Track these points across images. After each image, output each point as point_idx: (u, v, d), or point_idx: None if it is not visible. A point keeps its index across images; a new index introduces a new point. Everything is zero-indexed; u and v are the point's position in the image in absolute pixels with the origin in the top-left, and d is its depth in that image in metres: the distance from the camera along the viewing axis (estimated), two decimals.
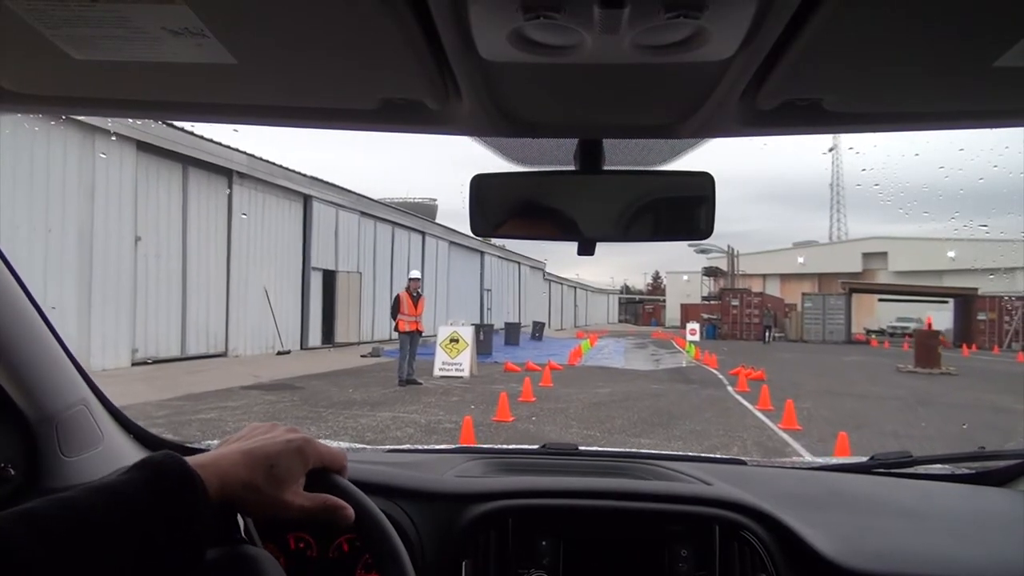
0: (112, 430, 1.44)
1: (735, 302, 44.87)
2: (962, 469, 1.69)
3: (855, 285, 44.43)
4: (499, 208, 1.04)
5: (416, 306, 13.71)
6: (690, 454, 1.79)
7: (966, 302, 38.84)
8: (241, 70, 0.75)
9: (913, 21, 0.63)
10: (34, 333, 1.26)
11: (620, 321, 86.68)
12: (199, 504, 0.72)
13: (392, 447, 1.90)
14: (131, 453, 1.47)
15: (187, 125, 13.60)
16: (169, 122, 10.98)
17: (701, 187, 1.00)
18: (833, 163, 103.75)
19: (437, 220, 33.93)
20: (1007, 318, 38.17)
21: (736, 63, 0.71)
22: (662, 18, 0.60)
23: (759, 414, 10.89)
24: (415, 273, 14.30)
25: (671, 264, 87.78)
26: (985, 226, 33.62)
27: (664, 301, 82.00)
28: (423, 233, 30.26)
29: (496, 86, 0.81)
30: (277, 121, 0.94)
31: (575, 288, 66.56)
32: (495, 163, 1.09)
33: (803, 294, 44.41)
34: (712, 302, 50.03)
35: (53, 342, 1.30)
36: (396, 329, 13.82)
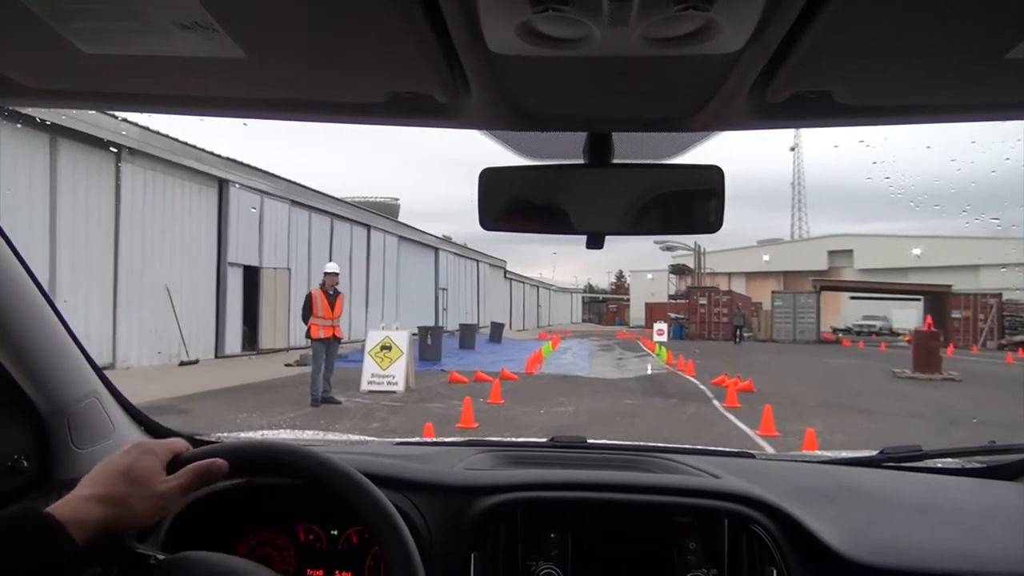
0: (123, 422, 1.49)
1: (703, 301, 42.92)
2: (972, 463, 1.68)
3: (826, 283, 42.83)
4: (507, 202, 1.02)
5: (333, 307, 11.03)
6: (698, 447, 1.80)
7: (939, 299, 37.36)
8: (251, 64, 0.75)
9: (924, 12, 0.62)
10: (46, 326, 1.29)
11: (584, 321, 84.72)
12: (62, 550, 0.79)
13: (401, 440, 1.90)
14: None
15: None
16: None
17: (711, 180, 0.99)
18: (795, 162, 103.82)
19: (400, 219, 32.23)
20: (982, 316, 36.84)
21: (746, 55, 0.70)
22: (671, 10, 0.59)
23: (763, 442, 8.49)
24: (332, 267, 11.60)
25: (635, 263, 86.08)
26: (997, 219, 32.19)
27: (628, 300, 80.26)
28: (368, 227, 27.44)
29: (505, 79, 0.80)
30: (286, 115, 0.94)
31: (537, 287, 64.18)
32: (504, 156, 1.13)
33: (773, 292, 42.66)
34: (679, 301, 47.99)
35: (64, 335, 1.33)
36: (308, 335, 11.12)
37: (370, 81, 0.82)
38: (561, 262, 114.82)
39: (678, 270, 52.84)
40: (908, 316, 49.00)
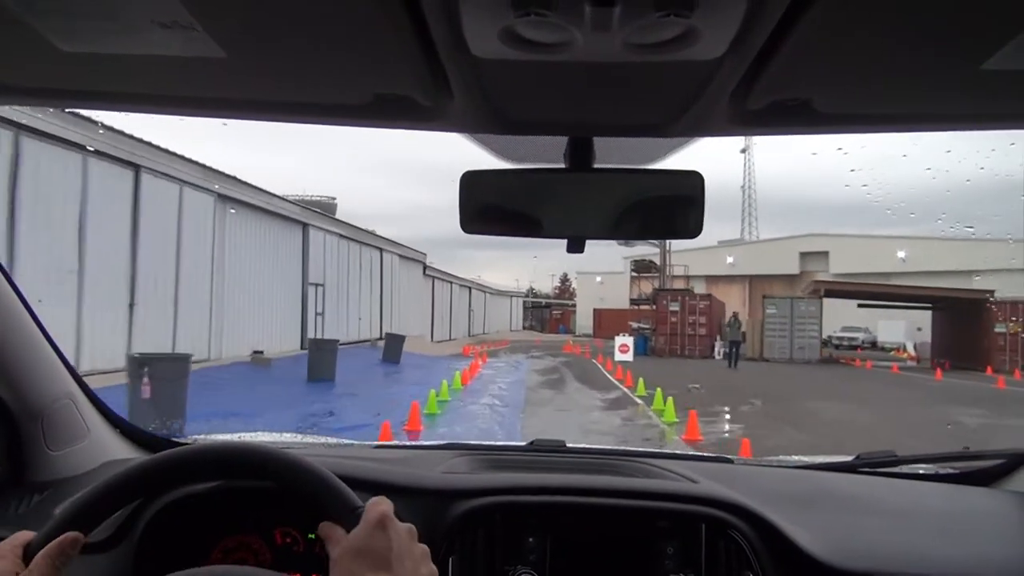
0: (98, 424, 1.48)
1: (674, 306, 33.64)
2: (947, 469, 1.72)
3: (831, 285, 33.94)
4: (488, 205, 1.03)
5: None
6: (677, 452, 1.91)
7: (974, 309, 28.81)
8: (231, 64, 0.75)
9: (902, 23, 0.63)
10: (19, 327, 1.28)
11: (525, 328, 75.17)
12: None
13: (379, 443, 1.97)
14: (117, 447, 1.52)
15: None
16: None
17: (691, 186, 1.00)
18: (745, 164, 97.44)
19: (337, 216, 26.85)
20: None
21: (726, 62, 0.71)
22: (653, 16, 0.60)
23: None
24: None
25: (583, 263, 76.84)
26: (971, 227, 32.12)
27: (574, 306, 71.08)
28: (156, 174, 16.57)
29: (487, 83, 0.81)
30: (267, 116, 0.94)
31: (469, 289, 54.06)
32: (486, 160, 1.08)
33: (764, 297, 33.62)
34: (642, 307, 38.47)
35: (39, 335, 1.33)
36: None
37: (352, 83, 0.82)
38: (502, 264, 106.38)
39: (643, 267, 42.74)
40: (895, 329, 42.39)
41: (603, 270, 64.61)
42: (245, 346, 18.16)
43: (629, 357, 26.81)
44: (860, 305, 36.35)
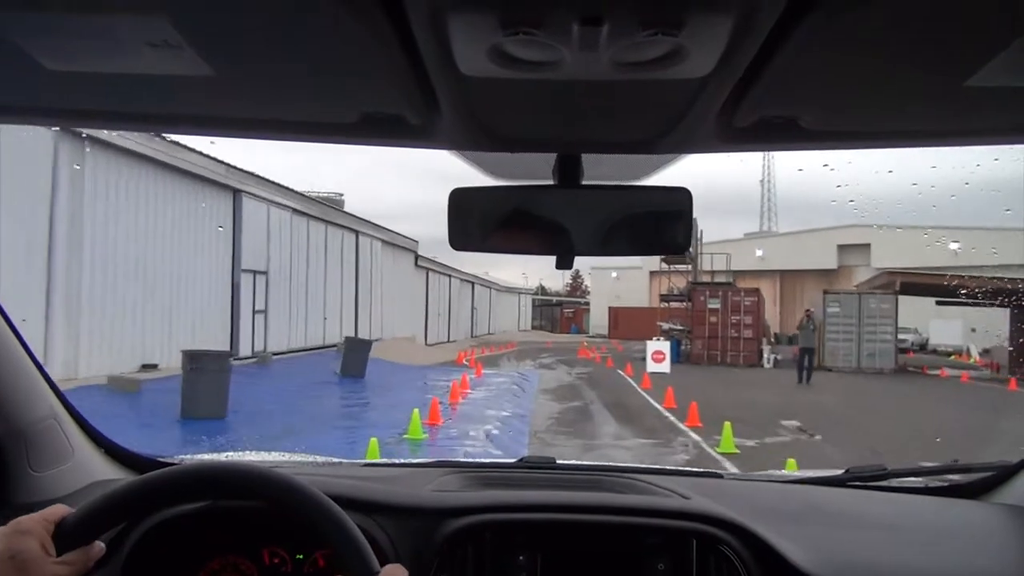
0: (82, 444, 1.45)
1: (714, 303, 27.80)
2: (936, 482, 1.71)
3: (909, 277, 27.83)
4: (477, 222, 1.03)
5: None
6: (668, 467, 1.82)
7: None
8: (220, 83, 0.75)
9: (888, 42, 0.64)
10: (4, 347, 1.26)
11: (534, 328, 69.46)
12: None
13: (369, 461, 2.03)
14: (101, 468, 1.49)
15: None
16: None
17: (678, 202, 1.01)
18: (764, 156, 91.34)
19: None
20: None
21: (713, 80, 0.72)
22: (640, 35, 0.60)
23: None
24: None
25: (596, 259, 71.14)
26: (957, 243, 30.63)
27: (587, 304, 65.35)
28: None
29: (476, 101, 0.81)
30: (256, 134, 0.94)
31: (472, 284, 48.40)
32: (474, 177, 1.05)
33: (826, 293, 27.65)
34: (672, 304, 32.52)
35: (23, 355, 1.31)
36: None
37: (340, 102, 0.83)
38: (510, 260, 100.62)
39: (675, 258, 35.81)
40: (949, 330, 37.37)
41: (619, 265, 58.78)
42: (128, 358, 12.56)
43: (665, 367, 21.05)
44: (939, 302, 30.38)
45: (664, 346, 21.55)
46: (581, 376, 19.85)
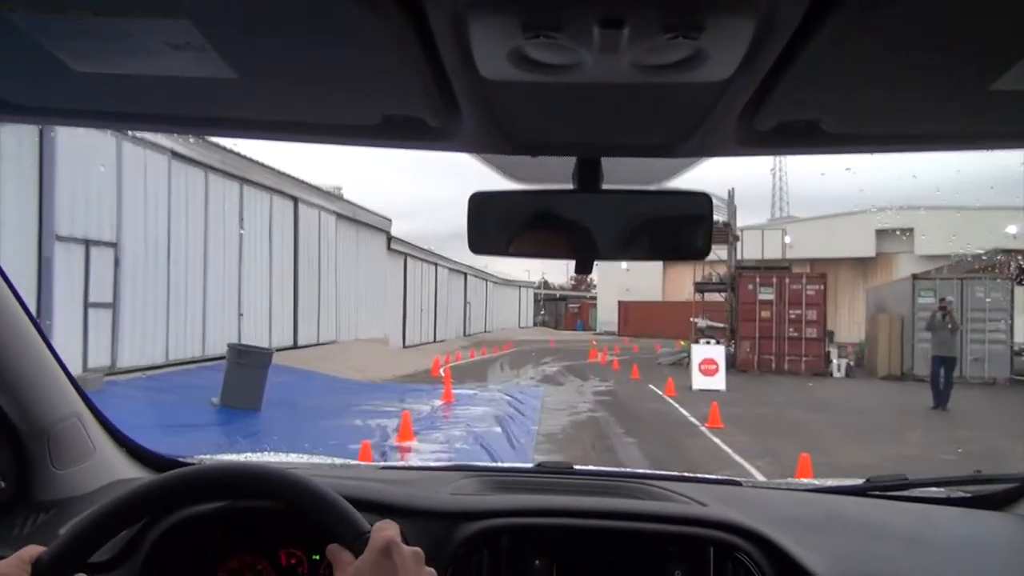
0: (104, 443, 1.48)
1: (766, 293, 21.44)
2: (958, 493, 1.67)
3: None
4: (497, 226, 1.04)
5: None
6: (686, 474, 1.80)
7: None
8: (242, 85, 0.75)
9: (911, 43, 0.64)
10: (28, 344, 1.29)
11: (537, 324, 63.29)
12: None
13: (386, 464, 2.14)
14: (123, 466, 1.51)
15: None
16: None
17: (698, 206, 1.01)
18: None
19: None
20: None
21: (734, 84, 0.72)
22: (661, 39, 0.61)
23: None
24: None
25: None
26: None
27: (593, 298, 59.16)
28: None
29: (496, 104, 0.82)
30: (277, 136, 0.95)
31: (465, 275, 42.16)
32: (493, 180, 1.09)
33: (915, 279, 21.25)
34: (711, 295, 25.89)
35: (47, 354, 1.33)
36: None
37: (361, 104, 0.83)
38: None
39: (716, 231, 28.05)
40: None
41: None
42: None
43: (719, 383, 14.79)
44: None
45: (716, 353, 15.29)
46: (601, 397, 13.60)
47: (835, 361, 20.62)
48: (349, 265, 23.00)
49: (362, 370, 17.11)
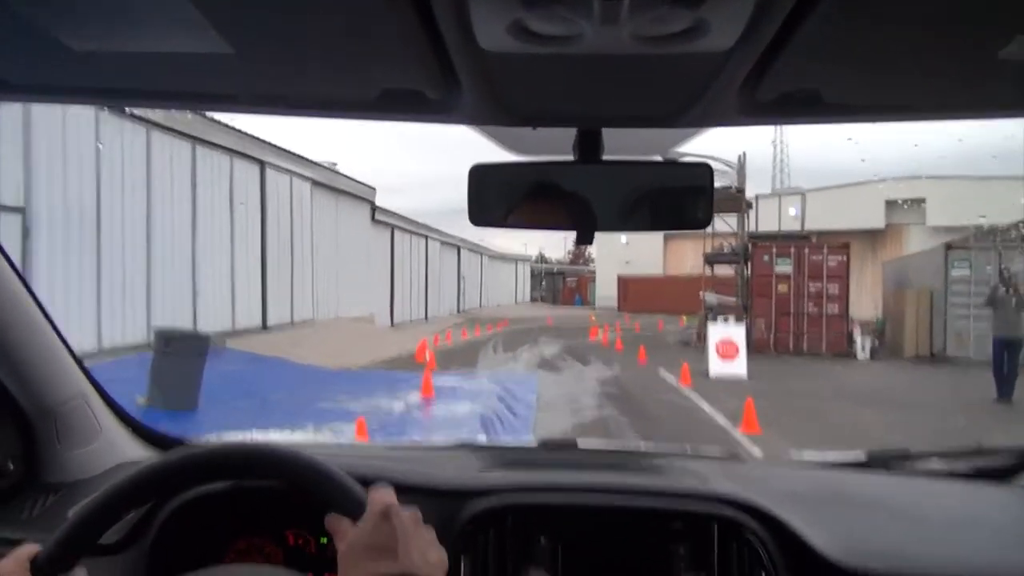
0: (110, 424, 1.48)
1: (784, 265, 19.55)
2: (960, 466, 1.67)
3: None
4: (497, 198, 1.03)
5: None
6: (689, 451, 1.79)
7: None
8: (240, 60, 0.76)
9: (916, 12, 0.63)
10: (33, 326, 1.29)
11: (534, 300, 61.57)
12: None
13: (392, 443, 2.17)
14: (129, 447, 1.51)
15: None
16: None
17: (699, 177, 1.01)
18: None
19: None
20: None
21: (736, 54, 0.71)
22: (662, 8, 0.61)
23: None
24: None
25: None
26: (983, 216, 25.40)
27: (592, 272, 57.36)
28: None
29: (495, 76, 0.82)
30: (276, 110, 0.94)
31: (457, 248, 40.19)
32: (494, 152, 1.06)
33: (948, 249, 19.38)
34: (721, 267, 23.90)
35: (52, 335, 1.34)
36: None
37: (360, 78, 0.83)
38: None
39: (727, 202, 24.73)
40: None
41: None
42: None
43: (739, 368, 13.03)
44: None
45: (736, 333, 13.49)
46: (606, 388, 11.79)
47: (858, 340, 18.84)
48: (328, 237, 21.10)
49: (338, 355, 15.32)
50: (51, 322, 1.31)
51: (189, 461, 0.93)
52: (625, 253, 49.18)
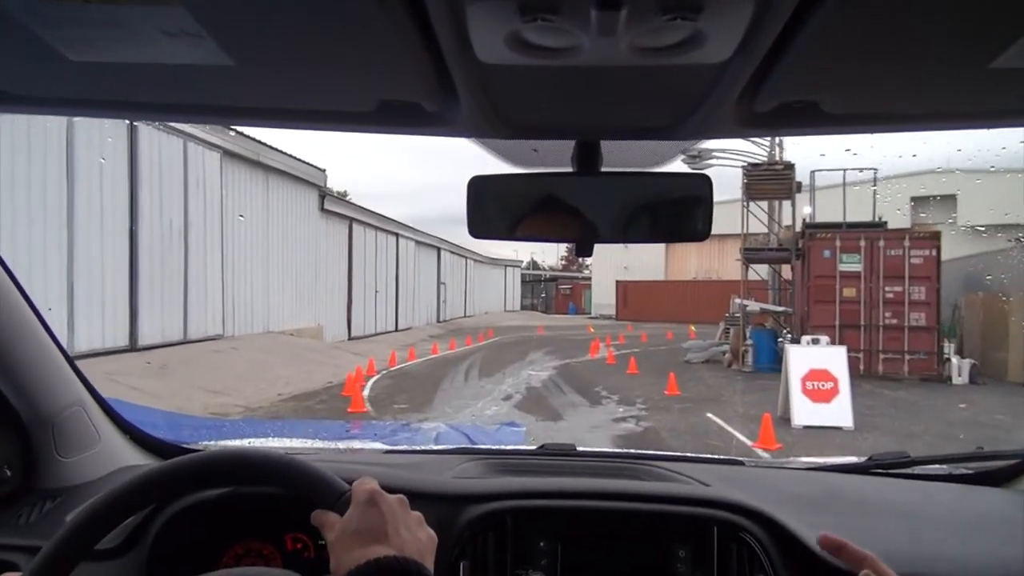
0: (108, 431, 1.49)
1: (851, 263, 14.87)
2: (960, 469, 1.68)
3: None
4: (497, 210, 1.04)
5: None
6: (689, 455, 1.79)
7: None
8: (238, 72, 0.76)
9: (910, 22, 0.64)
10: (30, 334, 1.30)
11: (524, 308, 56.88)
12: None
13: (390, 448, 1.95)
14: (127, 454, 1.52)
15: None
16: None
17: (698, 188, 1.01)
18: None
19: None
20: None
21: (733, 65, 0.72)
22: (659, 20, 0.61)
23: None
24: None
25: None
26: (982, 228, 24.41)
27: (587, 279, 52.85)
28: None
29: (493, 88, 0.82)
30: (274, 123, 0.95)
31: (438, 250, 35.33)
32: (492, 164, 1.03)
33: (1020, 241, 14.82)
34: (764, 262, 19.02)
35: (50, 343, 1.34)
36: None
37: (358, 90, 0.83)
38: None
39: (761, 184, 20.04)
40: None
41: None
42: None
43: (842, 416, 8.21)
44: None
45: (833, 360, 8.64)
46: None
47: (954, 360, 14.13)
48: (256, 228, 16.25)
49: (233, 385, 10.50)
50: (48, 330, 1.32)
51: (172, 469, 0.92)
52: (624, 258, 44.69)
